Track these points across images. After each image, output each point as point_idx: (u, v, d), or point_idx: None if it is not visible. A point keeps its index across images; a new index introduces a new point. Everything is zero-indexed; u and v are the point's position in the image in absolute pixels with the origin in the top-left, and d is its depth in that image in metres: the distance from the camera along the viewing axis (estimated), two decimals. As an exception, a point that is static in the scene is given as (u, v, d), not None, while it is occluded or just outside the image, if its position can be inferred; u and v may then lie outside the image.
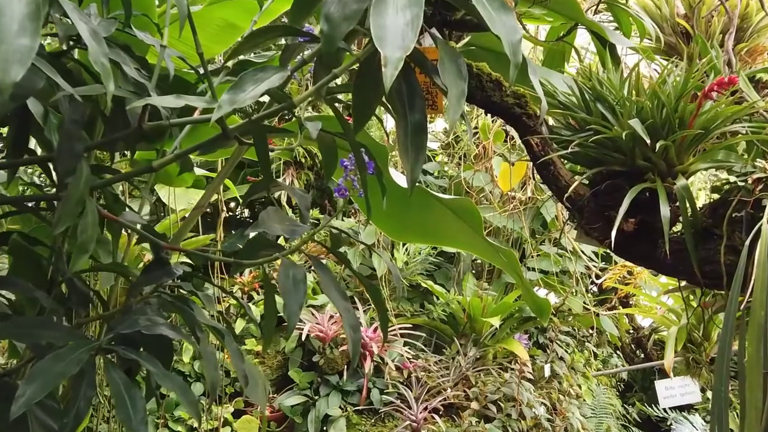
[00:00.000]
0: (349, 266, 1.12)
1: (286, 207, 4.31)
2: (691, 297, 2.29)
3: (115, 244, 1.52)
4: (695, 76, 1.06)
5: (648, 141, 0.99)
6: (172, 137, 1.49)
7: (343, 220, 4.26)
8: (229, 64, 1.16)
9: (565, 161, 1.17)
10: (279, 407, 3.47)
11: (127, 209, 1.28)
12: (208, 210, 4.71)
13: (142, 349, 1.12)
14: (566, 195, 1.08)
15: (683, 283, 1.81)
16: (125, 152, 2.02)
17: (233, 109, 0.93)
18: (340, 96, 1.13)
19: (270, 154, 1.79)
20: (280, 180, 4.45)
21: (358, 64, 0.99)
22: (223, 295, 3.76)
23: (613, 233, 1.00)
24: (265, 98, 1.13)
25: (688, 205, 1.02)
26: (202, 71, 1.09)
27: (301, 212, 1.14)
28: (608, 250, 1.14)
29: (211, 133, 1.06)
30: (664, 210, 1.00)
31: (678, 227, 1.10)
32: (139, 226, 1.15)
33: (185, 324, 1.10)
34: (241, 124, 0.98)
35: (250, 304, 3.65)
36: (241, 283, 3.85)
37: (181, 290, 1.22)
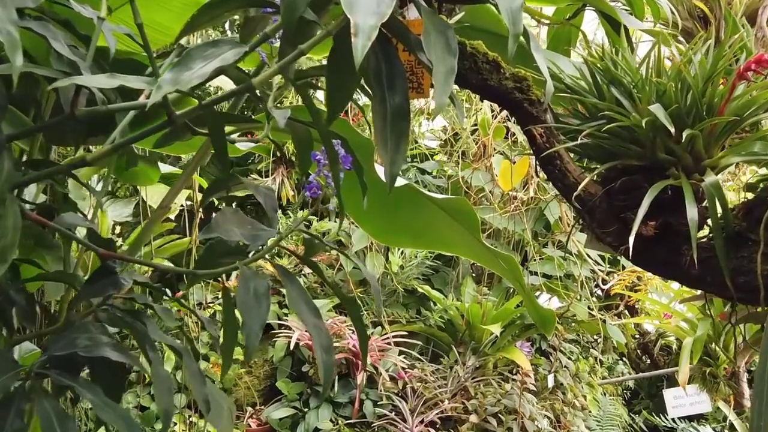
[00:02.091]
0: (321, 276, 0.99)
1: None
2: (708, 306, 2.15)
3: (66, 249, 1.38)
4: (726, 55, 0.93)
5: (672, 130, 0.86)
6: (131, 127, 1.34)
7: (335, 221, 4.12)
8: (185, 42, 1.02)
9: (574, 155, 1.03)
10: (266, 420, 3.34)
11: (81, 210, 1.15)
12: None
13: (89, 372, 1.00)
14: (575, 194, 0.95)
15: (698, 292, 1.68)
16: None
17: (177, 90, 0.80)
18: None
19: (248, 148, 1.66)
20: (269, 180, 4.32)
21: (332, 41, 0.86)
22: (208, 302, 3.63)
23: (631, 238, 0.86)
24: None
25: (718, 205, 0.88)
26: (162, 53, 0.96)
27: (267, 214, 1.01)
28: (623, 257, 1.01)
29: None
30: (691, 211, 0.86)
31: (706, 231, 0.97)
32: (83, 231, 1.02)
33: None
34: (189, 109, 0.84)
35: (211, 317, 3.51)
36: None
37: (134, 302, 1.09)
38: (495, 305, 3.73)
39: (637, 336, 4.84)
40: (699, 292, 1.78)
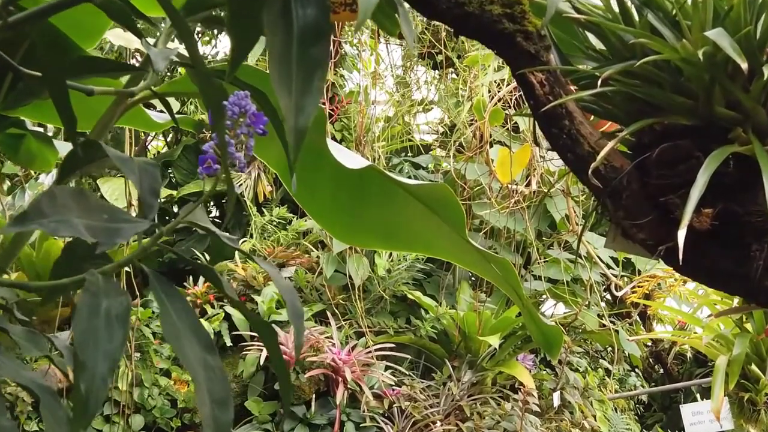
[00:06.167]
0: (219, 287, 0.71)
1: (249, 204, 3.87)
2: (744, 318, 1.88)
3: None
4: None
5: (744, 66, 0.57)
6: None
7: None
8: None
9: (591, 115, 0.75)
10: (234, 444, 3.06)
11: None
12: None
13: None
14: (592, 167, 0.66)
15: (736, 301, 1.40)
16: None
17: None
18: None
19: (168, 121, 1.37)
20: (243, 173, 4.03)
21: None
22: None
23: (681, 234, 0.58)
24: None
25: (811, 183, 0.60)
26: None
27: (144, 199, 0.72)
28: (662, 262, 0.72)
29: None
30: (772, 192, 0.58)
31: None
32: None
33: None
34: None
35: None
36: (193, 294, 3.42)
37: None
38: (494, 313, 3.49)
39: (649, 344, 4.59)
40: (736, 301, 1.51)
